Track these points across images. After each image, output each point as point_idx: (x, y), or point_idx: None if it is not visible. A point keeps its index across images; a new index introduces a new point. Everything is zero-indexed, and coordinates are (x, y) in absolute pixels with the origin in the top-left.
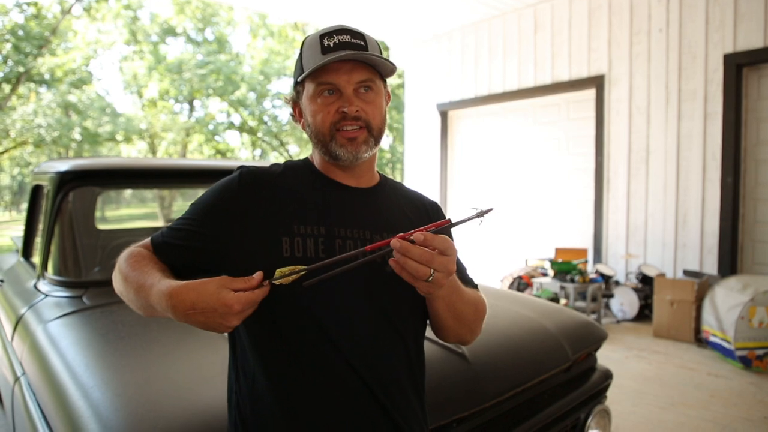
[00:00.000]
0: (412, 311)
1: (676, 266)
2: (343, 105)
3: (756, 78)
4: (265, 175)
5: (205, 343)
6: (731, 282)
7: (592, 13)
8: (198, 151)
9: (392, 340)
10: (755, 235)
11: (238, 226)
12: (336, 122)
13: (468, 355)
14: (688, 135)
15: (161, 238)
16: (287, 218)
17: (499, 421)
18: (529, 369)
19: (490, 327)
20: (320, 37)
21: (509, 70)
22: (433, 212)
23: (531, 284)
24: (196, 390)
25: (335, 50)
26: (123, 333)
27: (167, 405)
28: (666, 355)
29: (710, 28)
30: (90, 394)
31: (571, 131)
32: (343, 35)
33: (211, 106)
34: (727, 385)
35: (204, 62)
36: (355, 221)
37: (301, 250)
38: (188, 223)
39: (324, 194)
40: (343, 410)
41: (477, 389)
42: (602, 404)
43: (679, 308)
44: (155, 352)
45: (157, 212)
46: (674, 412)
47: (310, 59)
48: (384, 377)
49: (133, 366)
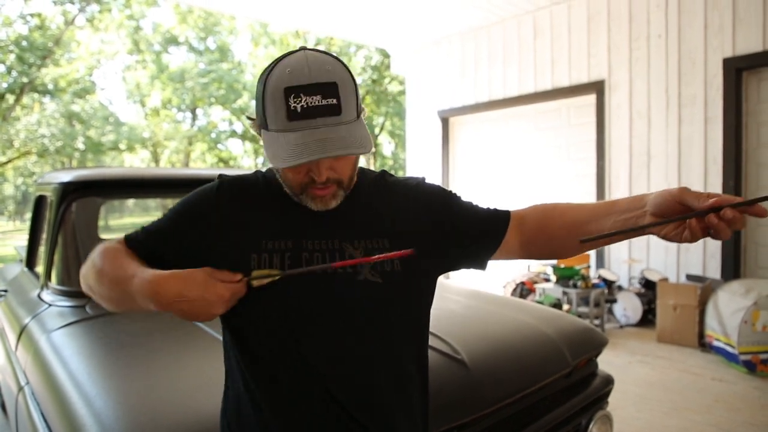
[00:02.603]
0: (403, 327)
1: (679, 271)
2: (313, 172)
3: (756, 81)
4: (242, 184)
5: (207, 351)
6: (734, 286)
7: (591, 19)
8: (201, 160)
9: (371, 351)
10: (758, 239)
11: (211, 234)
12: (306, 183)
13: (468, 361)
14: (688, 139)
15: (136, 238)
16: (255, 233)
17: (499, 428)
18: (528, 375)
19: (489, 334)
20: (285, 90)
21: (509, 77)
22: (422, 191)
23: (534, 290)
24: (198, 398)
25: (302, 117)
26: (125, 342)
27: (169, 413)
28: (669, 360)
29: (709, 33)
30: (92, 403)
31: (572, 137)
32: (311, 95)
33: (214, 114)
34: (731, 390)
35: (206, 71)
36: (323, 232)
37: (267, 266)
38: (164, 227)
39: (295, 207)
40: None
41: (477, 396)
42: (604, 410)
43: (682, 313)
44: (157, 361)
45: None
46: (678, 417)
47: (274, 116)
48: (366, 400)
49: (135, 375)
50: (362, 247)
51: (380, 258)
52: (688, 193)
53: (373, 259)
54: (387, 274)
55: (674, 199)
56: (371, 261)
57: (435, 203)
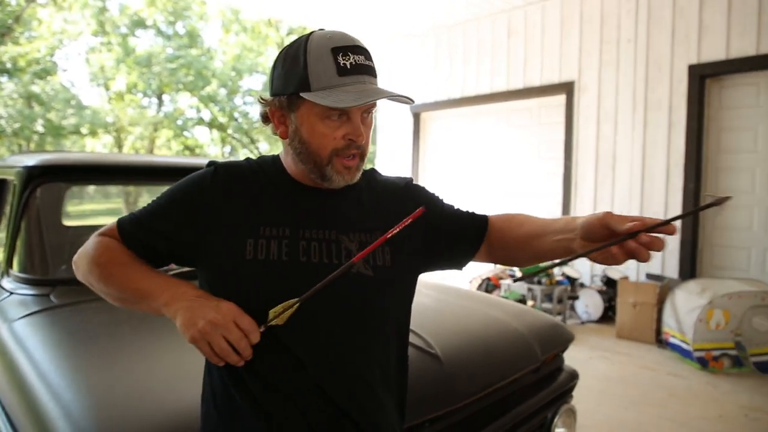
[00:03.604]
0: (390, 320)
1: (639, 270)
2: (351, 134)
3: (718, 89)
4: (237, 171)
5: (179, 342)
6: (691, 285)
7: (564, 22)
8: (166, 147)
9: (359, 342)
10: (714, 240)
11: (208, 222)
12: (339, 149)
13: (441, 355)
14: (653, 143)
15: (131, 228)
16: (253, 219)
17: (470, 421)
18: (500, 369)
19: (462, 328)
20: (333, 50)
21: (482, 74)
22: (412, 192)
23: (499, 285)
24: (171, 390)
25: (353, 73)
26: (93, 332)
27: (141, 405)
28: (628, 356)
29: (676, 40)
30: (60, 396)
31: (542, 136)
32: (357, 54)
33: (181, 101)
34: (685, 385)
35: (174, 56)
36: (320, 222)
37: (263, 252)
38: (159, 215)
39: (291, 195)
40: (303, 415)
41: (449, 390)
42: (568, 404)
43: (641, 310)
44: (128, 352)
45: (122, 208)
46: (635, 411)
47: (321, 74)
48: (349, 382)
49: (105, 366)
50: (357, 240)
51: (399, 228)
52: (611, 217)
53: (390, 233)
54: (378, 268)
55: (599, 223)
56: (391, 235)
57: (422, 205)
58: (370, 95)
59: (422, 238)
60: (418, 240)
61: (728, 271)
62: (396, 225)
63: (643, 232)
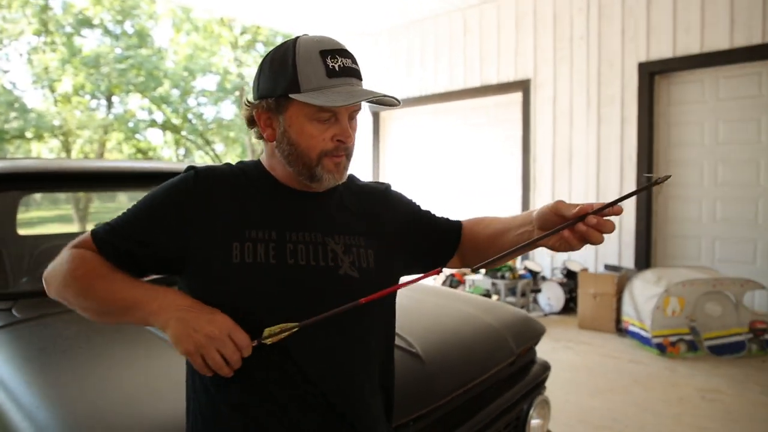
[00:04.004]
0: (376, 321)
1: (597, 261)
2: (340, 135)
3: (666, 85)
4: (218, 175)
5: (155, 354)
6: (647, 275)
7: (519, 20)
8: (117, 150)
9: (348, 343)
10: (667, 231)
11: (192, 226)
12: (328, 150)
13: (422, 354)
14: (607, 138)
15: (108, 237)
16: (238, 222)
17: (451, 417)
18: (479, 365)
19: (439, 326)
20: (321, 53)
21: (440, 73)
22: (391, 198)
23: (463, 281)
24: (150, 402)
25: (341, 75)
26: (64, 347)
27: (121, 419)
28: (591, 345)
29: (626, 38)
30: (34, 415)
31: (500, 133)
32: (345, 57)
33: (132, 102)
34: (646, 371)
35: (123, 56)
36: (306, 225)
37: (251, 255)
38: (139, 222)
39: (276, 198)
40: (298, 420)
41: (432, 388)
42: (542, 395)
43: (601, 301)
44: (103, 366)
45: (72, 215)
46: (602, 398)
47: (311, 76)
48: (342, 385)
49: (80, 382)
50: (342, 243)
51: (417, 280)
52: (562, 205)
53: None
54: (364, 270)
55: (551, 212)
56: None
57: (401, 210)
58: (361, 95)
59: (402, 242)
60: (398, 244)
61: (680, 260)
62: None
63: (591, 214)
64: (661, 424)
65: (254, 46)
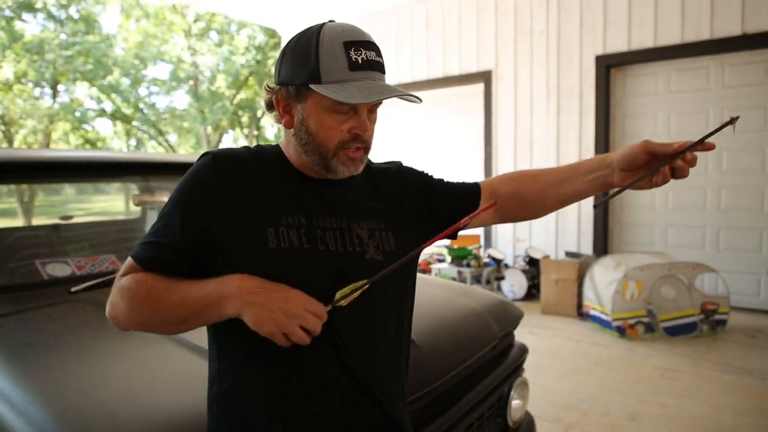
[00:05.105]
0: (400, 304)
1: (558, 248)
2: (357, 128)
3: (622, 78)
4: (237, 158)
5: (149, 344)
6: (607, 261)
7: (480, 12)
8: (63, 141)
9: (381, 334)
10: (622, 218)
11: (219, 216)
12: (345, 141)
13: (416, 339)
14: (566, 128)
15: (152, 254)
16: (270, 208)
17: (441, 400)
18: (467, 349)
19: (430, 312)
20: (345, 44)
21: (402, 63)
22: (403, 175)
23: (429, 270)
24: (149, 395)
25: (364, 69)
26: (50, 341)
27: (121, 413)
28: (554, 330)
29: (584, 31)
30: (29, 413)
31: (463, 123)
32: (369, 50)
33: (79, 91)
34: (607, 353)
35: (70, 43)
36: (332, 211)
37: (286, 240)
38: (173, 227)
39: (299, 185)
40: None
41: (425, 372)
42: (521, 377)
43: (563, 286)
44: (95, 359)
45: (17, 208)
46: (568, 380)
47: (333, 67)
48: (374, 373)
49: (73, 376)
50: (366, 227)
51: (468, 219)
52: (653, 144)
53: (462, 222)
54: (387, 253)
55: (642, 151)
56: (460, 225)
57: (414, 185)
58: (381, 93)
59: (418, 216)
60: (413, 219)
61: (635, 245)
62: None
63: (688, 150)
64: (625, 402)
65: (208, 34)
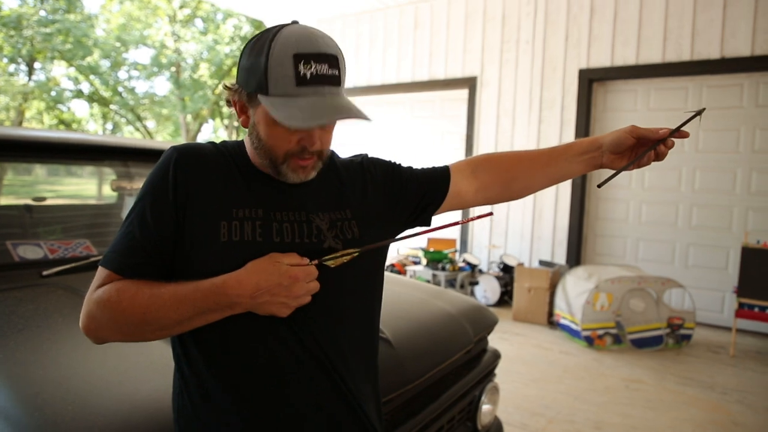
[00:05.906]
0: (363, 293)
1: (532, 256)
2: (305, 140)
3: (603, 92)
4: (200, 153)
5: None
6: (579, 271)
7: (468, 18)
8: (37, 120)
9: (335, 316)
10: (597, 230)
11: (183, 209)
12: (293, 152)
13: (392, 339)
14: (546, 138)
15: (123, 260)
16: (224, 201)
17: (415, 401)
18: (442, 351)
19: (406, 314)
20: (295, 57)
21: (389, 64)
22: (368, 167)
23: (404, 272)
24: (123, 382)
25: (312, 84)
26: (20, 325)
27: (94, 401)
28: (525, 337)
29: (569, 45)
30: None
31: (445, 127)
32: (321, 63)
33: (56, 70)
34: (575, 362)
35: (49, 20)
36: (291, 204)
37: (238, 234)
38: (142, 225)
39: (259, 180)
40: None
41: (400, 372)
42: (493, 382)
43: (535, 294)
44: (67, 345)
45: None
46: (536, 387)
47: (279, 80)
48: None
49: (42, 362)
50: (327, 219)
51: (471, 220)
52: (639, 129)
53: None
54: (349, 241)
55: (630, 135)
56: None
57: (382, 175)
58: (324, 115)
59: (388, 204)
60: (384, 208)
61: (608, 257)
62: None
63: (669, 137)
64: (590, 411)
65: (193, 22)
